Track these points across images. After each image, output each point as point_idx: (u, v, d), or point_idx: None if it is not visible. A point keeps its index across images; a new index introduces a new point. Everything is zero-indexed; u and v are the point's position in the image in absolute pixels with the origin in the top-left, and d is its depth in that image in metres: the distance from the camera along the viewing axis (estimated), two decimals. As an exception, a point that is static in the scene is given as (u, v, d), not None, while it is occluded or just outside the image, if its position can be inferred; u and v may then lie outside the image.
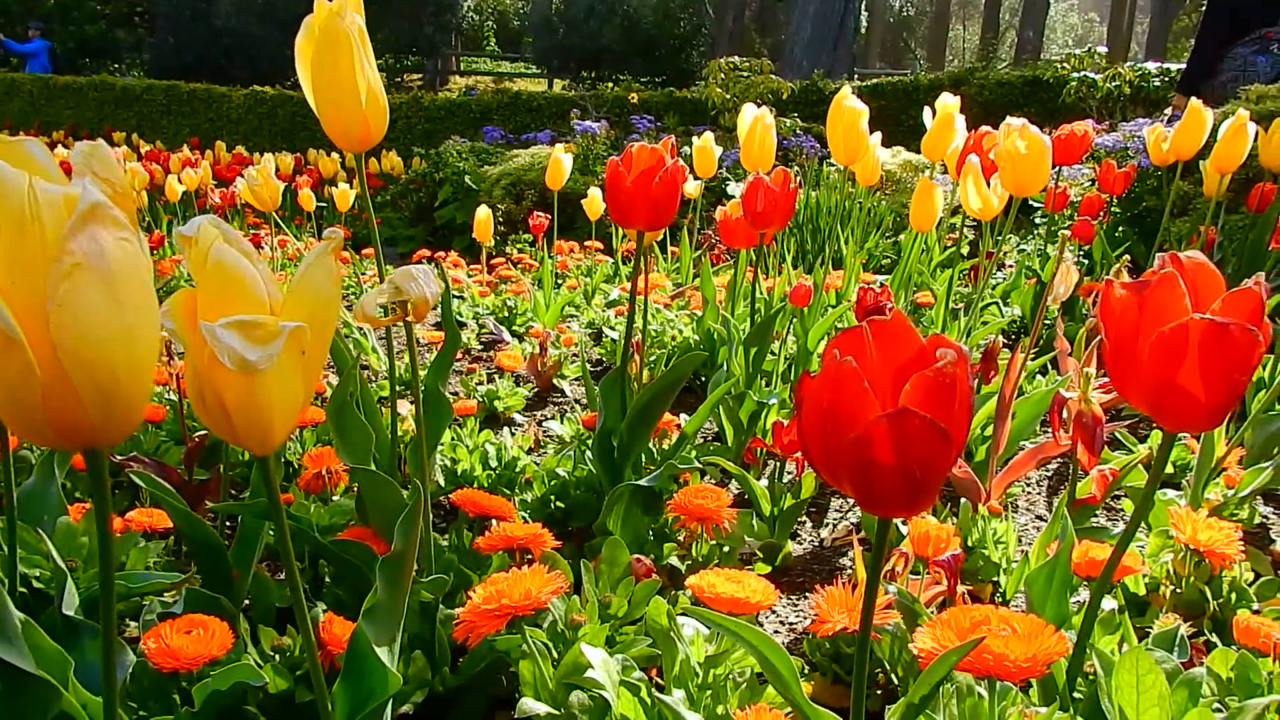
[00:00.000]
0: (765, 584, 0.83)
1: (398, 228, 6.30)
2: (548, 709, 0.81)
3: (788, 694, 0.64)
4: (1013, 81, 7.36)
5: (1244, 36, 4.01)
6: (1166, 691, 0.64)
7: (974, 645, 0.55)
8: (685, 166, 1.22)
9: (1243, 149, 2.11)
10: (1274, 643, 0.83)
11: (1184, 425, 0.62)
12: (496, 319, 3.17)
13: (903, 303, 2.36)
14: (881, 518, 0.57)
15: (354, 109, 1.03)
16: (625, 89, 8.70)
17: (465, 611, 0.82)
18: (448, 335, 1.23)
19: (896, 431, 0.50)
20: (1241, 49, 3.81)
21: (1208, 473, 1.31)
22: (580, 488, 1.47)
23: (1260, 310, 0.59)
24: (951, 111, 2.12)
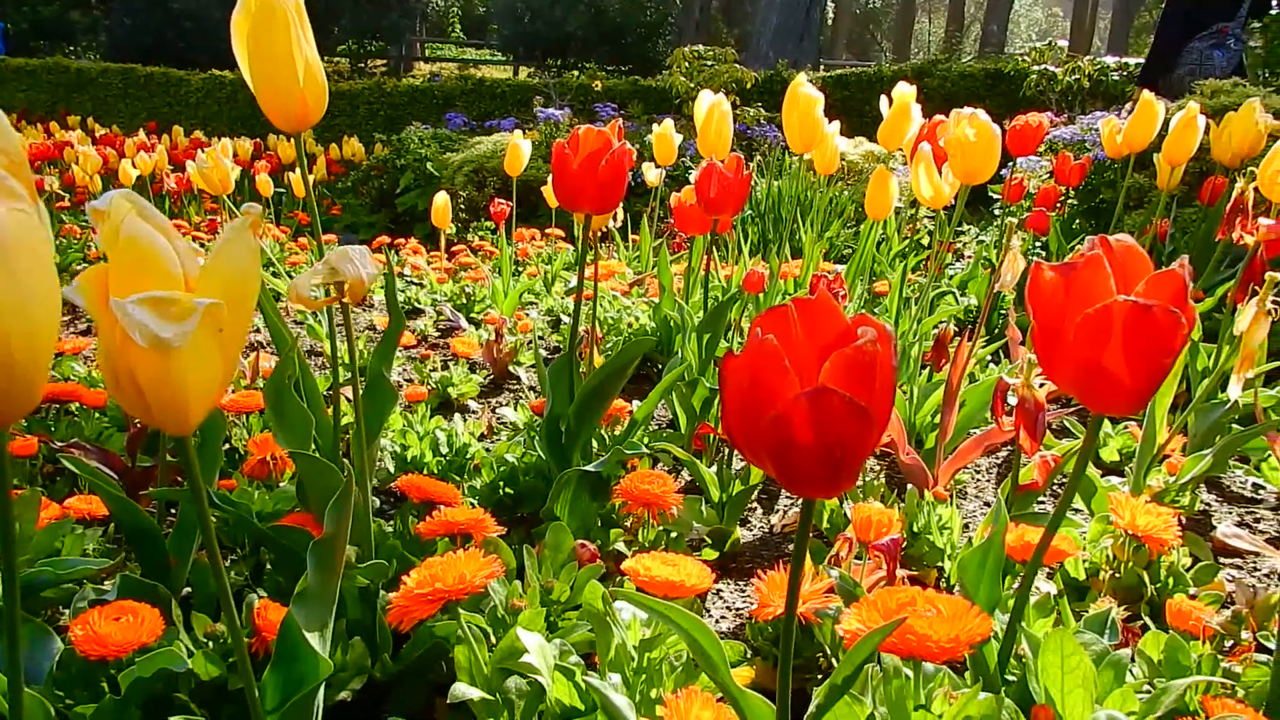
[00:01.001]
0: (701, 567, 0.83)
1: (359, 214, 6.24)
2: (481, 694, 0.80)
3: (716, 677, 0.63)
4: (975, 74, 7.41)
5: (1201, 31, 4.07)
6: (1092, 673, 0.64)
7: (895, 626, 0.55)
8: (632, 150, 1.21)
9: (1192, 142, 2.13)
10: (1203, 626, 0.83)
11: (1109, 407, 0.63)
12: (454, 306, 3.15)
13: (859, 291, 2.37)
14: (805, 498, 0.57)
15: (291, 87, 1.01)
16: (590, 77, 8.66)
17: (399, 596, 0.81)
18: (392, 319, 1.22)
19: (816, 410, 0.50)
20: (1198, 44, 3.86)
21: (1150, 459, 1.32)
22: (529, 474, 1.46)
23: (1183, 292, 0.59)
24: (908, 101, 2.13)
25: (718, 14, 20.85)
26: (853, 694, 0.63)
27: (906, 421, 1.65)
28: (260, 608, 0.95)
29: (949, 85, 7.33)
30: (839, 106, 7.34)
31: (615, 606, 0.83)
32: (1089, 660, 0.64)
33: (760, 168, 4.96)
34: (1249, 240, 1.46)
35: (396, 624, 0.81)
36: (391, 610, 0.81)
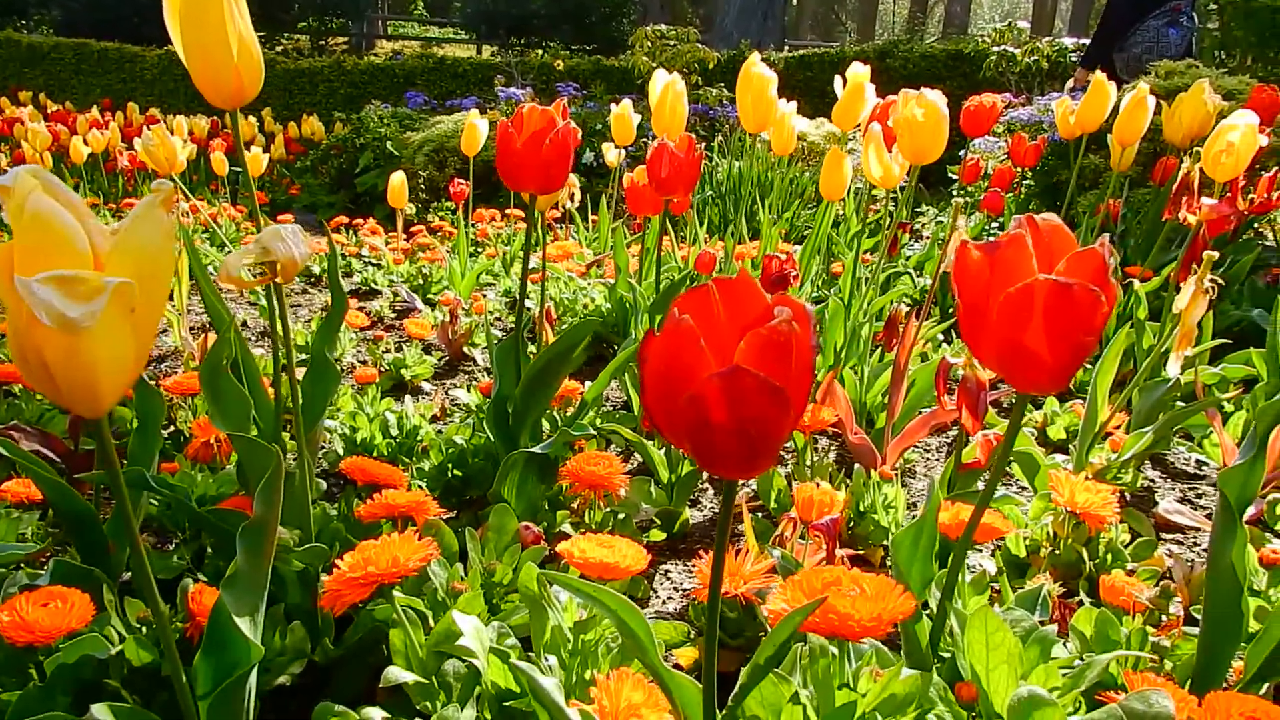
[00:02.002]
0: (637, 549, 0.83)
1: (318, 194, 6.17)
2: (416, 677, 0.80)
3: (645, 659, 0.63)
4: (936, 55, 7.43)
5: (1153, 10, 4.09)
6: (1016, 649, 0.65)
7: (816, 606, 0.55)
8: (577, 129, 1.20)
9: (1142, 122, 2.14)
10: (1134, 600, 0.84)
11: (1032, 385, 0.63)
12: (411, 287, 3.13)
13: (815, 271, 2.37)
14: (727, 480, 0.56)
15: (225, 62, 0.99)
16: (552, 56, 8.60)
17: (331, 580, 0.80)
18: (335, 300, 1.20)
19: (730, 390, 0.49)
20: (1153, 21, 3.88)
21: (1092, 437, 1.33)
22: (478, 456, 1.46)
23: (1104, 271, 0.59)
24: (861, 81, 2.13)
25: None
26: (779, 674, 0.63)
27: (857, 401, 1.66)
28: (195, 592, 0.94)
29: (910, 66, 7.36)
30: (801, 87, 7.35)
31: (554, 589, 0.83)
32: (1013, 637, 0.64)
33: (721, 148, 4.95)
34: (1191, 220, 1.47)
35: (328, 608, 0.80)
36: (324, 594, 0.81)
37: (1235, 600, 0.75)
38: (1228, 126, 1.55)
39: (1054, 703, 0.59)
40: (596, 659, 0.80)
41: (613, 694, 0.67)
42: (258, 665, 0.94)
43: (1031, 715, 0.59)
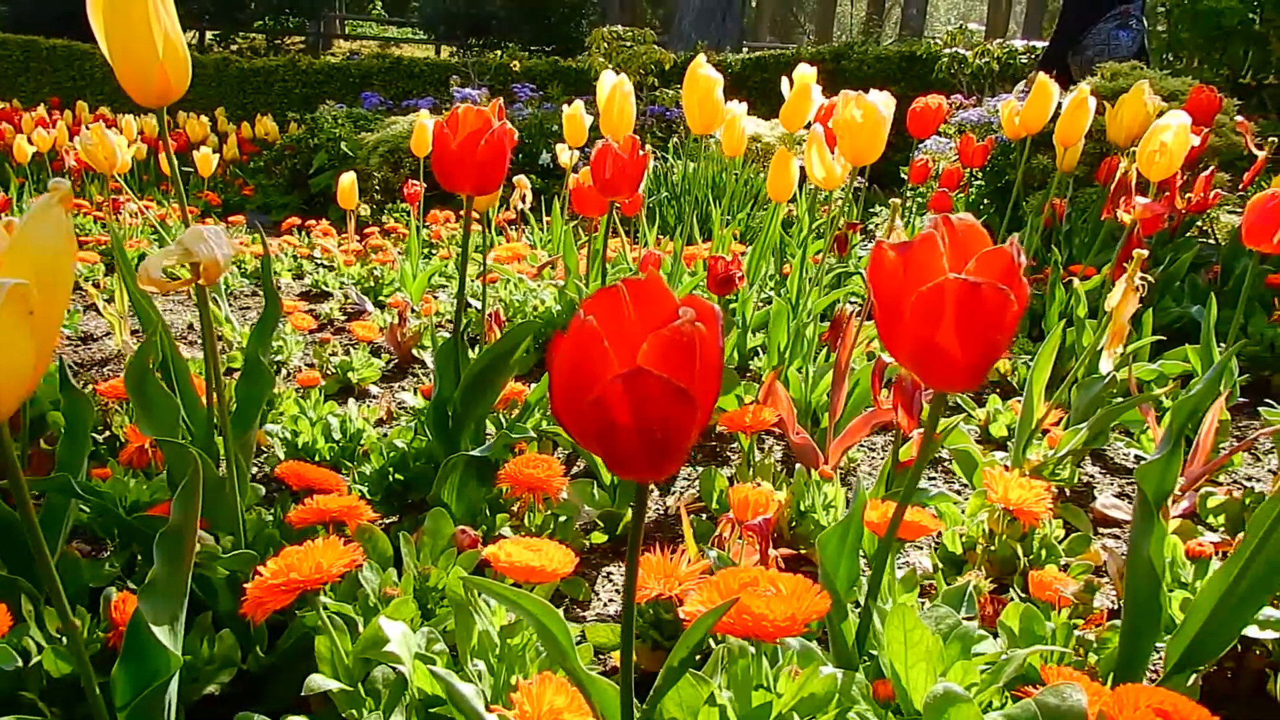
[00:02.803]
0: (564, 551, 0.82)
1: (271, 195, 6.10)
2: (340, 685, 0.79)
3: (565, 663, 0.63)
4: (890, 57, 7.49)
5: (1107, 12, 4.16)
6: (935, 646, 0.65)
7: (729, 607, 0.55)
8: (514, 130, 1.19)
9: (1083, 123, 2.17)
10: (1059, 595, 0.85)
11: (946, 384, 0.63)
12: (362, 289, 3.10)
13: (764, 271, 2.38)
14: (637, 483, 0.56)
15: (149, 60, 0.98)
16: (509, 57, 8.57)
17: (253, 587, 0.79)
18: (268, 303, 1.19)
19: (633, 392, 0.49)
20: (1105, 24, 3.95)
21: (1028, 434, 1.35)
22: (420, 459, 1.44)
23: (1013, 270, 0.59)
24: (808, 82, 2.14)
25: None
26: (698, 675, 0.63)
27: (802, 401, 1.66)
28: (119, 600, 0.92)
29: (865, 68, 7.41)
30: (758, 89, 7.37)
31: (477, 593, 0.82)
32: (931, 634, 0.64)
33: (677, 150, 4.96)
34: (1126, 218, 1.50)
35: (249, 615, 0.79)
36: (245, 602, 0.79)
37: (1154, 593, 0.76)
38: (1161, 127, 1.57)
39: (969, 699, 0.59)
40: (524, 664, 0.79)
41: (535, 699, 0.67)
42: (181, 674, 0.93)
43: (947, 711, 0.59)
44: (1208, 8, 5.48)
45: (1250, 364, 2.10)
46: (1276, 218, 1.45)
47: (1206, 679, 0.98)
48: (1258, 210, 1.47)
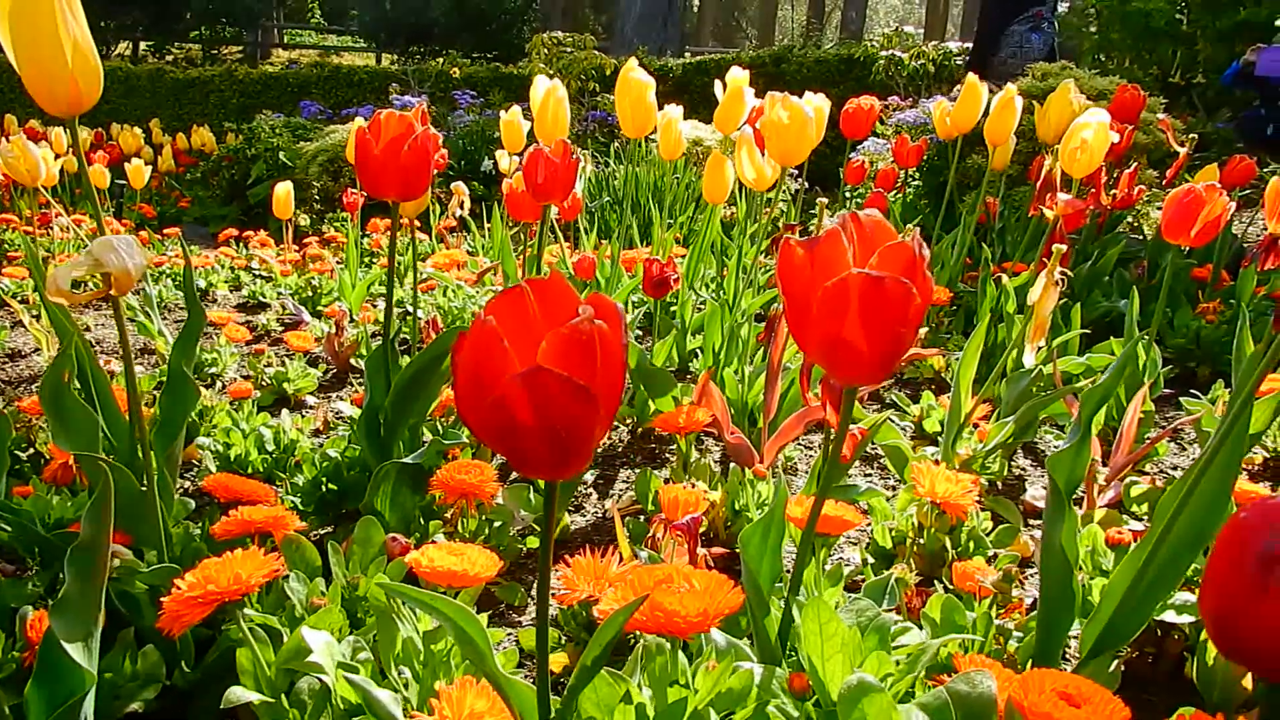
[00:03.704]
0: (488, 556, 0.82)
1: (209, 206, 6.01)
2: (261, 697, 0.78)
3: (482, 665, 0.63)
4: (829, 60, 7.57)
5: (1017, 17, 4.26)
6: (854, 639, 0.66)
7: (639, 604, 0.55)
8: (438, 135, 1.18)
9: (1011, 122, 2.21)
10: (980, 586, 0.86)
11: (853, 377, 0.64)
12: (300, 299, 3.07)
13: (702, 274, 2.39)
14: (547, 482, 0.56)
15: (58, 67, 0.96)
16: (450, 64, 8.53)
17: (169, 600, 0.77)
18: (191, 313, 1.17)
19: (533, 391, 0.49)
20: (1017, 27, 4.03)
21: (957, 428, 1.37)
22: (354, 469, 1.43)
23: (914, 264, 0.60)
24: (740, 85, 2.15)
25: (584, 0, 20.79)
26: (615, 673, 0.63)
27: (738, 401, 1.67)
28: (35, 619, 0.90)
29: (805, 71, 7.48)
30: (699, 93, 7.40)
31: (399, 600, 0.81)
32: (846, 626, 0.65)
33: (619, 154, 4.96)
34: (1050, 215, 1.52)
35: (166, 629, 0.78)
36: (162, 616, 0.78)
37: (1067, 580, 0.78)
38: (1081, 124, 1.61)
39: (882, 689, 0.60)
40: (449, 669, 0.79)
41: (455, 703, 0.66)
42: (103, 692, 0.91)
43: (860, 702, 0.60)
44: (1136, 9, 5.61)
45: (1177, 356, 2.15)
46: (1193, 212, 1.49)
47: (1128, 664, 1.00)
48: (1175, 205, 1.51)
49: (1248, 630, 0.33)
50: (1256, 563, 0.33)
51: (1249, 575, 0.33)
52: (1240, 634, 0.34)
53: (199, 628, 1.06)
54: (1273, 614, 0.32)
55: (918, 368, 2.04)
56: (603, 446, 1.79)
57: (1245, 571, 0.33)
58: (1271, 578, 0.32)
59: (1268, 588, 0.32)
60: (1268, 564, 0.32)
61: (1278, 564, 0.32)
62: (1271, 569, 0.32)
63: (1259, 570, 0.33)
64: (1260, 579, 0.32)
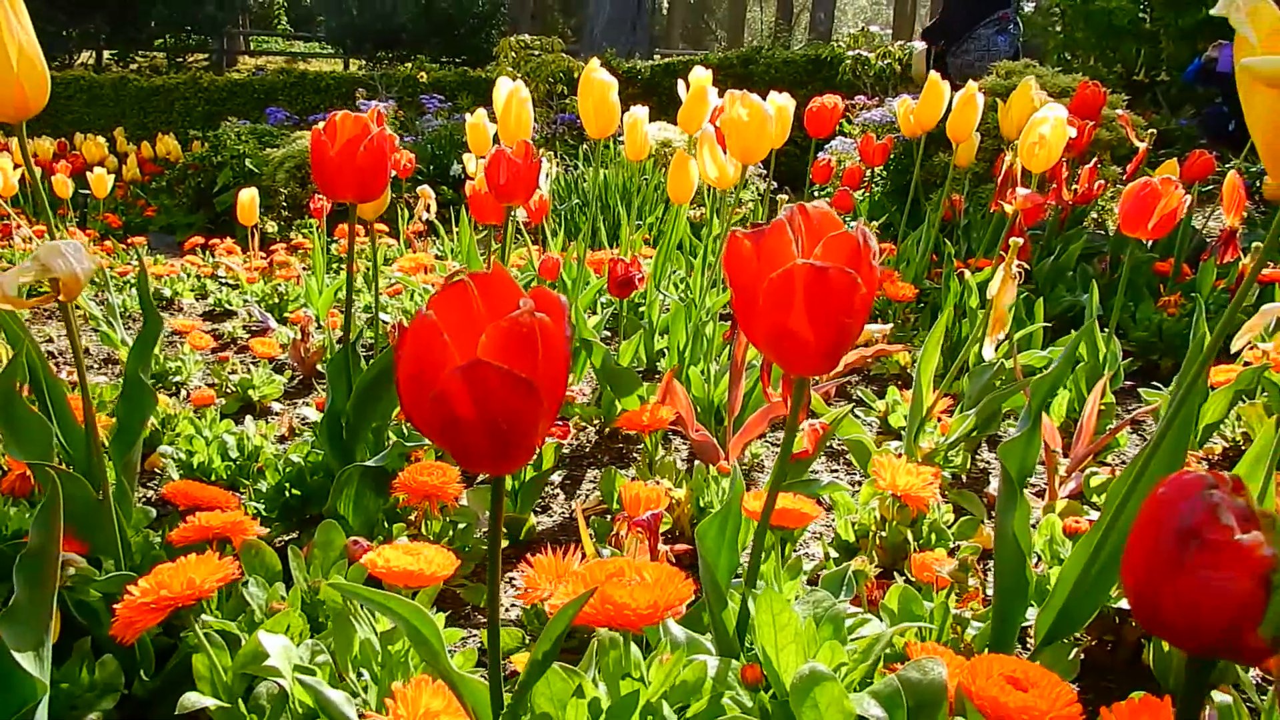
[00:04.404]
0: (445, 555, 0.82)
1: (175, 215, 5.95)
2: (216, 702, 0.77)
3: (435, 663, 0.62)
4: (796, 60, 7.61)
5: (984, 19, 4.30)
6: (808, 629, 0.66)
7: (588, 597, 0.55)
8: (394, 136, 1.18)
9: (972, 118, 2.23)
10: (937, 576, 0.87)
11: (801, 368, 0.64)
12: (267, 306, 3.05)
13: (669, 273, 2.39)
14: (494, 477, 0.56)
15: (4, 72, 0.95)
16: (417, 68, 8.50)
17: (123, 606, 0.77)
18: (147, 319, 1.16)
19: (473, 384, 0.49)
20: (983, 29, 4.07)
21: (919, 422, 1.37)
22: (318, 473, 1.42)
23: (858, 254, 0.61)
24: (704, 85, 2.15)
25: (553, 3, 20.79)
26: (569, 668, 0.63)
27: (704, 400, 1.67)
28: (-13, 631, 0.88)
29: (773, 72, 7.51)
30: (668, 94, 7.41)
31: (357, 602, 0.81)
32: (798, 617, 0.65)
33: (587, 157, 4.96)
34: (1009, 209, 1.54)
35: (120, 636, 0.77)
36: (115, 622, 0.77)
37: (1020, 568, 0.78)
38: (1039, 120, 1.62)
39: (834, 678, 0.60)
40: (407, 669, 0.79)
41: (410, 703, 0.66)
42: (59, 703, 0.90)
43: (812, 691, 0.60)
44: (1099, 8, 5.67)
45: (1140, 349, 2.17)
46: (1150, 205, 1.51)
47: (1088, 652, 1.01)
48: (1132, 199, 1.53)
49: (1167, 605, 0.34)
50: (1174, 538, 0.33)
51: (1167, 550, 0.33)
52: (1160, 608, 0.34)
53: (160, 636, 1.06)
54: (1190, 588, 0.33)
55: (884, 364, 2.05)
56: (570, 447, 1.79)
57: (1163, 547, 0.33)
58: (1188, 552, 0.33)
59: (1184, 562, 0.33)
60: (1184, 538, 0.33)
61: (1194, 538, 0.33)
62: (1188, 543, 0.33)
63: (1176, 545, 0.33)
64: (1177, 554, 0.33)
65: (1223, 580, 0.32)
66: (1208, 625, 0.33)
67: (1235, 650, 0.33)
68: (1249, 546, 0.32)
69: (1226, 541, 0.32)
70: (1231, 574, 0.32)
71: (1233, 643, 0.33)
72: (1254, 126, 0.58)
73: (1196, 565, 0.32)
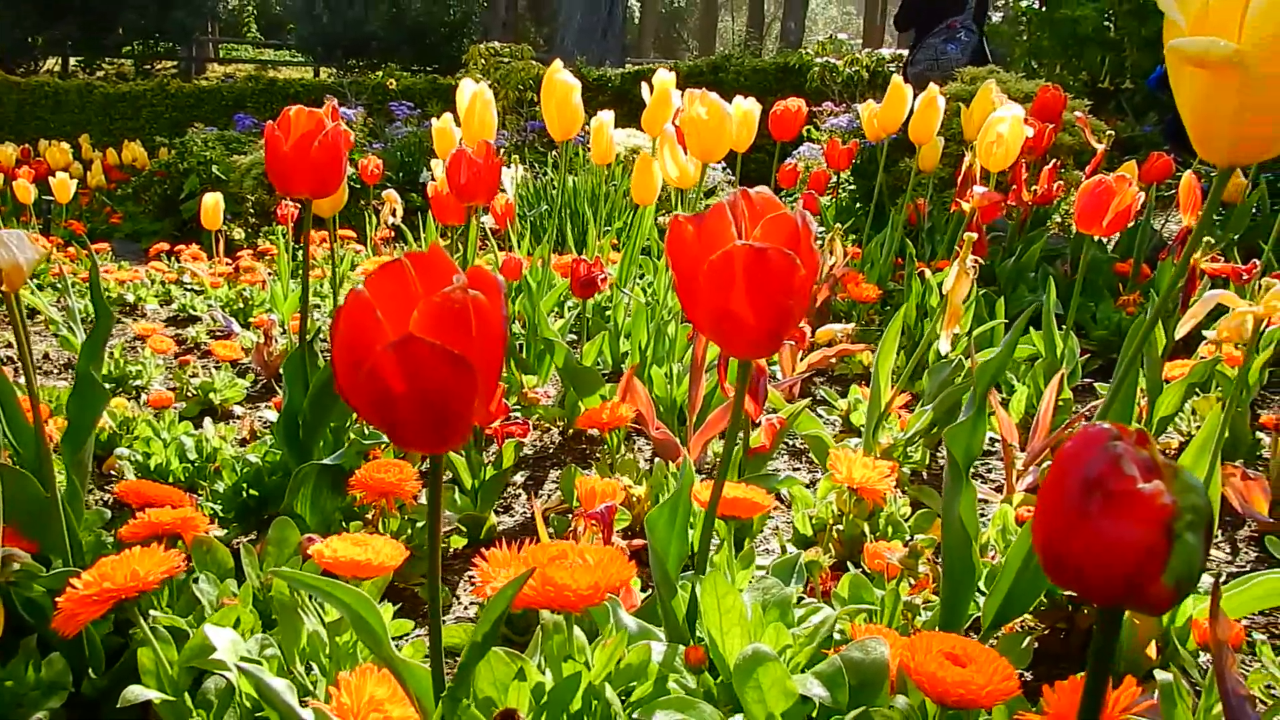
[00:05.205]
0: (394, 545, 0.81)
1: (141, 222, 5.90)
2: (161, 696, 0.76)
3: (379, 650, 0.62)
4: (766, 68, 7.66)
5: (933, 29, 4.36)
6: (748, 612, 0.66)
7: (527, 577, 0.55)
8: (349, 132, 1.18)
9: (934, 121, 2.25)
10: (887, 563, 0.87)
11: (742, 350, 0.64)
12: (231, 311, 3.02)
13: (634, 276, 2.39)
14: (431, 457, 0.56)
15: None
16: (387, 76, 8.47)
17: (64, 599, 0.76)
18: (99, 317, 1.14)
19: (405, 360, 0.49)
20: (933, 39, 4.12)
21: (877, 417, 1.38)
22: (275, 473, 1.41)
23: (797, 235, 0.61)
24: (667, 87, 2.17)
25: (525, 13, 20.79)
26: (512, 651, 0.63)
27: (667, 399, 1.68)
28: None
29: (742, 79, 7.55)
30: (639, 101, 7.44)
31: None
32: (743, 601, 0.66)
33: (556, 163, 4.96)
34: (967, 208, 1.55)
35: (61, 629, 0.76)
36: (56, 616, 0.76)
37: (967, 553, 0.79)
38: (997, 119, 1.64)
39: (776, 658, 0.60)
40: (355, 660, 0.78)
41: (354, 691, 0.65)
42: (2, 700, 0.89)
43: (755, 672, 0.60)
44: (1064, 16, 5.74)
45: (1100, 347, 2.20)
46: (1104, 202, 1.53)
47: (1041, 639, 1.02)
48: (1087, 196, 1.54)
49: (1073, 556, 0.34)
50: (1079, 489, 0.33)
51: (1073, 502, 0.34)
52: (1067, 560, 0.34)
53: (111, 635, 1.05)
54: (1094, 538, 0.33)
55: (847, 364, 2.06)
56: (533, 448, 1.78)
57: (1069, 498, 0.34)
58: (1093, 503, 0.33)
59: (1088, 512, 0.33)
60: (1089, 489, 0.33)
61: (1098, 488, 0.33)
62: (1092, 494, 0.33)
63: (1081, 495, 0.33)
64: (1082, 504, 0.33)
65: (1126, 529, 0.32)
66: (1113, 575, 0.33)
67: (1142, 599, 0.33)
68: (1150, 495, 0.32)
69: (1129, 491, 0.32)
70: (1134, 523, 0.32)
71: (1138, 592, 0.33)
72: (1183, 108, 0.59)
73: (1100, 515, 0.33)
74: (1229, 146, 0.60)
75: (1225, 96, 0.57)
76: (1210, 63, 0.56)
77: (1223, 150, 0.61)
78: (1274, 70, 0.56)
